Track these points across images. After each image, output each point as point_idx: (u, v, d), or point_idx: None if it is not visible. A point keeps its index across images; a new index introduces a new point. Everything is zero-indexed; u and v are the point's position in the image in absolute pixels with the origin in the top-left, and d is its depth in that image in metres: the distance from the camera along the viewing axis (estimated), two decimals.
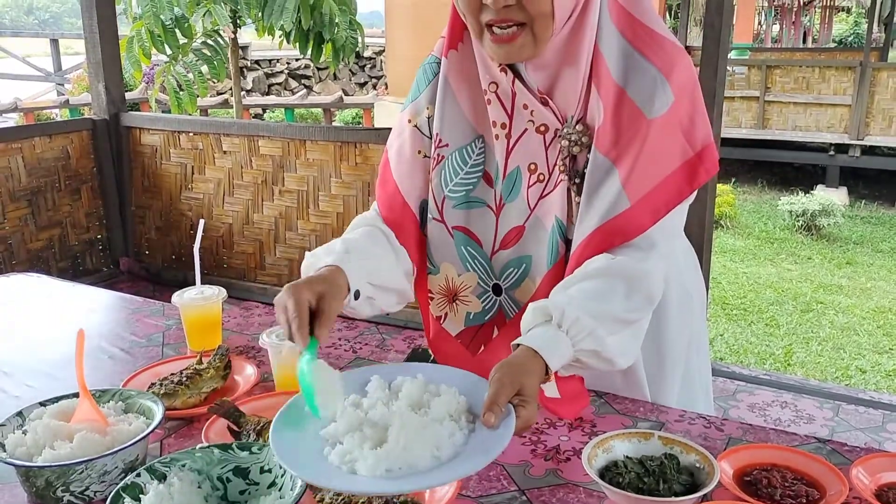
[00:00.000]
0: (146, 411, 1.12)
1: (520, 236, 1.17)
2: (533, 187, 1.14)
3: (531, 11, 1.02)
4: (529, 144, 1.13)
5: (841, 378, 4.02)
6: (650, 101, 1.06)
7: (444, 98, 1.19)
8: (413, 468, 0.87)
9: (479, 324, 1.25)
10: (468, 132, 1.19)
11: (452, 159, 1.20)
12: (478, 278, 1.23)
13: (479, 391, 0.96)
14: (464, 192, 1.20)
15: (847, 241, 6.88)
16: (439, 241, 1.23)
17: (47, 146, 3.68)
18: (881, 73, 8.47)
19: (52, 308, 1.74)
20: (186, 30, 5.73)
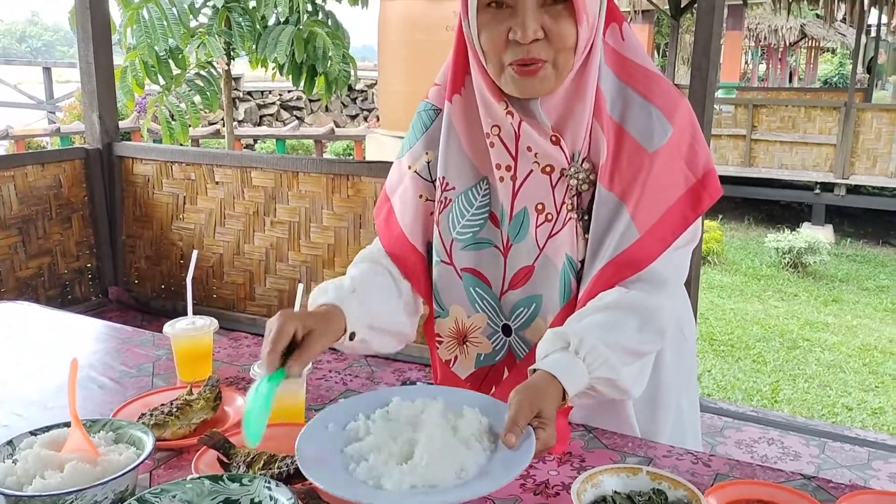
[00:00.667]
0: (136, 442, 1.12)
1: (529, 276, 1.18)
2: (541, 227, 1.16)
3: (556, 44, 1.05)
4: (536, 185, 1.15)
5: (827, 415, 4.04)
6: (648, 134, 1.10)
7: (448, 141, 1.21)
8: (437, 486, 0.90)
9: (490, 364, 1.26)
10: (473, 174, 1.21)
11: (459, 202, 1.21)
12: (487, 319, 1.24)
13: (499, 412, 0.98)
14: (471, 234, 1.21)
15: (833, 279, 6.94)
16: (448, 284, 1.24)
17: (40, 174, 3.68)
18: (865, 113, 8.61)
19: (41, 337, 1.73)
20: (180, 61, 5.78)
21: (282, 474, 1.06)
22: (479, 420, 0.99)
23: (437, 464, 0.91)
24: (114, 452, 1.09)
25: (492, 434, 0.98)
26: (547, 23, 1.04)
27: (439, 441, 0.94)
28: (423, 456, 0.92)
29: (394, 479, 0.91)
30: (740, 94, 11.90)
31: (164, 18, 5.44)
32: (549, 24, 1.04)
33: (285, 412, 1.28)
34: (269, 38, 5.68)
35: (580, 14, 1.03)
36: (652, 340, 1.10)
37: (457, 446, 0.94)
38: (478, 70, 1.14)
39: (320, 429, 1.03)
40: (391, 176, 1.33)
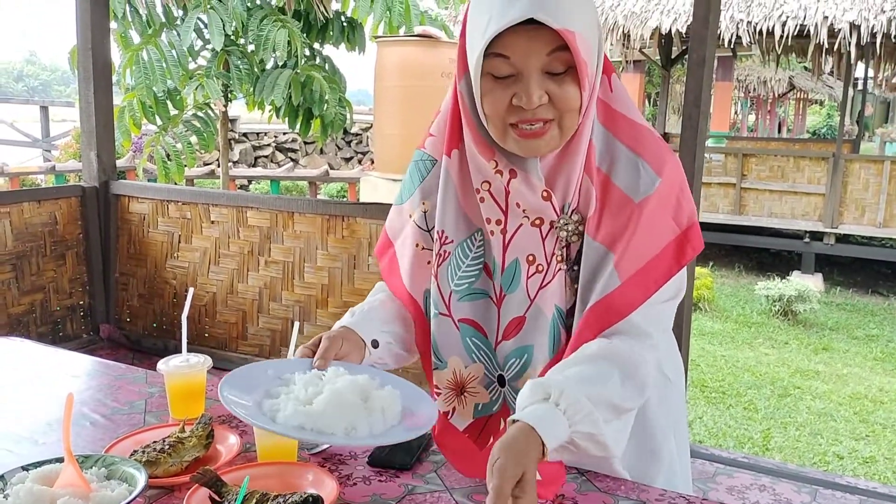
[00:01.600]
0: (129, 478, 1.12)
1: (521, 327, 1.19)
2: (532, 278, 1.17)
3: (560, 107, 1.07)
4: (526, 237, 1.16)
5: (819, 463, 4.02)
6: (635, 185, 1.12)
7: (446, 195, 1.23)
8: (323, 432, 1.06)
9: (488, 414, 1.26)
10: (467, 226, 1.23)
11: (456, 254, 1.23)
12: (484, 369, 1.25)
13: (418, 400, 1.18)
14: (467, 285, 1.22)
15: (823, 327, 6.96)
16: (446, 336, 1.25)
17: (35, 211, 3.69)
18: (853, 164, 8.74)
19: (33, 373, 1.73)
20: (178, 102, 5.85)
21: None
22: (393, 398, 1.14)
23: (330, 415, 1.06)
24: (106, 488, 1.09)
25: (399, 413, 1.13)
26: (551, 88, 1.06)
27: (341, 398, 1.08)
28: (320, 404, 1.07)
29: (286, 414, 1.07)
30: (730, 143, 12.07)
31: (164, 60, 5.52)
32: (554, 89, 1.06)
33: (278, 451, 1.28)
34: (267, 81, 5.76)
35: (584, 79, 1.05)
36: (633, 397, 1.09)
37: (357, 409, 1.09)
38: (469, 130, 1.15)
39: (261, 370, 1.20)
40: (392, 219, 1.35)
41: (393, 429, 1.10)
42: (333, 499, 1.12)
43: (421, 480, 1.23)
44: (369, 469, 1.28)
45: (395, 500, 1.17)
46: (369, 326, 1.28)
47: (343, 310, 3.47)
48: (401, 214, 1.33)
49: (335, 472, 1.25)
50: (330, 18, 6.22)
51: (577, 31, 1.02)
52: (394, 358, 1.33)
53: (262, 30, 5.58)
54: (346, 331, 1.26)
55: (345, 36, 6.34)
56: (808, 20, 8.08)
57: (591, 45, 1.06)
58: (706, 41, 2.35)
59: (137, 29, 5.76)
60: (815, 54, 9.42)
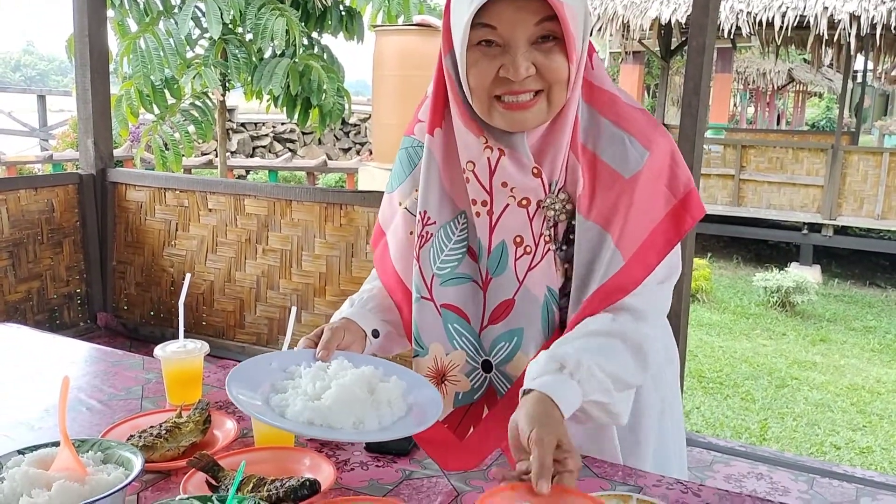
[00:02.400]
0: (125, 462, 1.11)
1: (510, 310, 1.18)
2: (520, 260, 1.15)
3: (548, 78, 1.06)
4: (513, 218, 1.15)
5: (816, 454, 4.03)
6: (623, 161, 1.11)
7: (429, 175, 1.20)
8: (333, 427, 1.06)
9: (469, 403, 1.24)
10: (451, 208, 1.21)
11: (439, 236, 1.21)
12: (466, 356, 1.22)
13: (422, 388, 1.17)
14: (450, 269, 1.20)
15: (821, 319, 6.97)
16: (428, 321, 1.23)
17: (33, 199, 3.68)
18: (852, 155, 8.74)
19: (31, 359, 1.72)
20: (176, 91, 5.82)
21: (271, 497, 1.06)
22: (398, 389, 1.13)
23: (339, 409, 1.06)
24: (102, 472, 1.08)
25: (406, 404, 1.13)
26: (538, 59, 1.05)
27: (349, 393, 1.08)
28: (328, 399, 1.07)
29: (295, 410, 1.07)
30: (729, 135, 12.06)
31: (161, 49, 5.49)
32: (541, 60, 1.05)
33: (275, 437, 1.28)
34: (265, 70, 5.74)
35: (572, 51, 1.04)
36: (638, 373, 1.10)
37: (365, 402, 1.08)
38: (457, 106, 1.13)
39: (264, 363, 1.19)
40: (383, 209, 1.34)
41: (401, 420, 1.10)
42: (330, 484, 1.12)
43: (418, 466, 1.23)
44: (366, 454, 1.27)
45: (392, 485, 1.17)
46: (369, 316, 1.28)
47: (341, 298, 3.48)
48: (391, 203, 1.31)
49: (332, 457, 1.25)
50: (328, 7, 6.19)
51: (565, 1, 1.01)
52: (395, 345, 1.33)
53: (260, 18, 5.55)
54: (347, 321, 1.26)
55: (343, 25, 6.32)
56: (808, 11, 8.06)
57: (579, 17, 1.05)
58: (706, 29, 2.33)
59: (135, 17, 5.73)
60: (815, 46, 9.40)
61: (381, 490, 1.15)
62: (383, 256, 1.33)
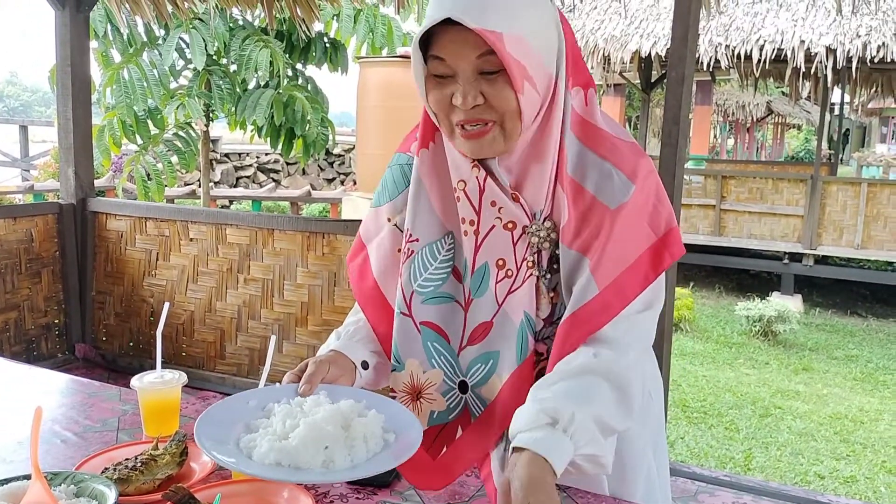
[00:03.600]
0: (98, 496, 1.09)
1: (487, 332, 1.17)
2: (501, 283, 1.16)
3: (498, 109, 1.07)
4: (497, 240, 1.15)
5: (800, 483, 4.03)
6: (609, 193, 1.11)
7: (417, 195, 1.21)
8: (301, 468, 1.00)
9: (444, 423, 1.23)
10: (438, 228, 1.21)
11: (422, 254, 1.21)
12: (443, 375, 1.22)
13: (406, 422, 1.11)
14: (433, 288, 1.20)
15: (803, 348, 7.00)
16: (406, 337, 1.23)
17: (11, 228, 3.64)
18: (831, 186, 8.85)
19: (5, 390, 1.69)
20: (159, 121, 5.84)
21: None
22: (376, 424, 1.09)
23: (307, 448, 1.01)
24: None
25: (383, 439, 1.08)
26: (486, 89, 1.06)
27: (318, 431, 1.03)
28: (295, 440, 1.02)
29: (261, 452, 1.02)
30: (709, 165, 12.20)
31: (145, 79, 5.51)
32: (488, 90, 1.06)
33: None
34: (249, 100, 5.76)
35: (517, 82, 1.04)
36: (624, 417, 1.08)
37: (337, 440, 1.04)
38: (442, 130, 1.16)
39: (242, 402, 1.16)
40: (367, 223, 1.33)
41: (376, 457, 1.06)
42: None
43: (399, 497, 1.21)
44: (346, 486, 1.25)
45: None
46: (357, 347, 1.27)
47: (323, 328, 3.46)
48: (377, 218, 1.30)
49: (311, 489, 1.23)
50: (313, 39, 6.24)
51: (507, 31, 1.01)
52: (386, 377, 1.30)
53: (245, 50, 5.59)
54: (335, 354, 1.24)
55: (328, 56, 6.37)
56: (786, 44, 8.21)
57: (535, 46, 1.05)
58: (685, 60, 2.37)
59: (119, 48, 5.75)
60: (793, 78, 9.57)
61: None
62: (363, 270, 1.31)
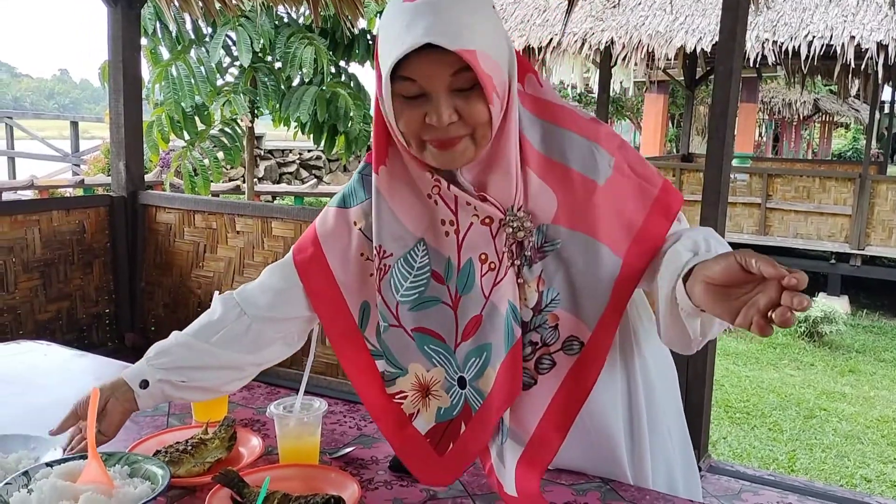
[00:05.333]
0: (151, 477, 1.13)
1: (478, 325, 1.19)
2: (486, 276, 1.17)
3: (470, 122, 1.07)
4: (477, 236, 1.17)
5: (846, 486, 3.95)
6: (594, 168, 1.14)
7: (380, 212, 1.22)
8: None
9: (449, 419, 1.24)
10: (409, 238, 1.21)
11: (398, 266, 1.22)
12: (444, 373, 1.23)
13: None
14: (417, 294, 1.21)
15: (849, 350, 6.86)
16: (401, 346, 1.24)
17: (64, 220, 3.75)
18: (880, 185, 8.64)
19: (60, 375, 1.75)
20: (206, 117, 5.94)
21: None
22: None
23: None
24: (129, 486, 1.09)
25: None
26: (459, 105, 1.06)
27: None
28: None
29: None
30: (755, 164, 11.99)
31: (192, 76, 5.61)
32: (462, 106, 1.06)
33: (300, 453, 1.28)
34: (293, 97, 5.83)
35: (490, 94, 1.05)
36: None
37: None
38: (400, 146, 1.15)
39: None
40: (325, 221, 1.31)
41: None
42: (355, 501, 1.12)
43: (443, 486, 1.23)
44: (390, 474, 1.27)
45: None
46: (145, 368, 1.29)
47: None
48: (345, 218, 1.29)
49: (357, 475, 1.25)
50: (356, 36, 6.29)
51: (478, 48, 1.02)
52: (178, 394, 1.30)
53: (290, 47, 5.66)
54: (113, 382, 1.28)
55: (370, 54, 6.41)
56: (835, 40, 8.02)
57: (495, 57, 1.06)
58: (733, 53, 2.34)
59: (167, 45, 5.86)
60: (842, 76, 9.35)
61: None
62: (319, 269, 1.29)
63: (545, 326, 1.16)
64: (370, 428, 1.47)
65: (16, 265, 3.53)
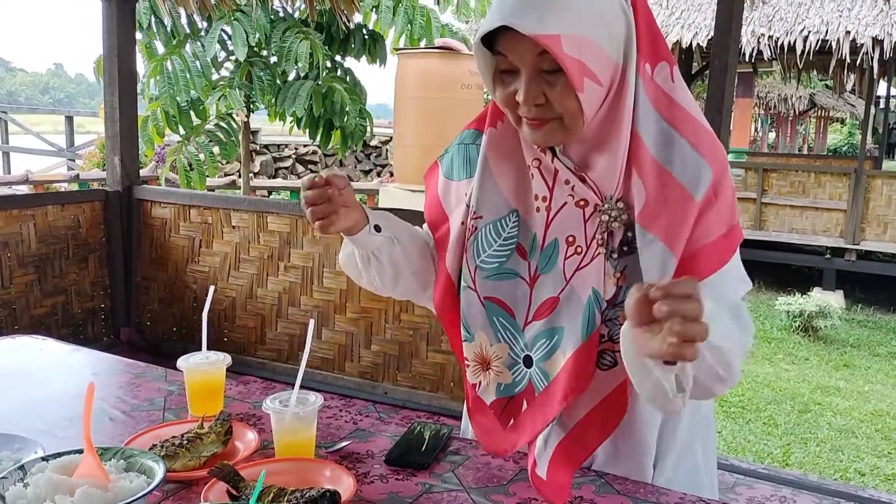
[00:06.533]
0: (147, 471, 1.12)
1: (553, 307, 1.18)
2: (570, 259, 1.16)
3: (559, 109, 1.07)
4: (568, 217, 1.16)
5: (840, 480, 3.97)
6: (696, 183, 1.08)
7: (483, 173, 1.23)
8: None
9: (509, 396, 1.24)
10: (503, 206, 1.22)
11: (486, 231, 1.23)
12: (508, 349, 1.23)
13: None
14: (497, 264, 1.22)
15: (844, 344, 6.88)
16: (473, 310, 1.25)
17: (59, 215, 3.74)
18: (876, 180, 8.66)
19: (56, 369, 1.75)
20: (201, 112, 5.91)
21: None
22: None
23: None
24: (124, 480, 1.09)
25: None
26: (546, 90, 1.06)
27: None
28: None
29: None
30: (750, 159, 12.00)
31: (188, 70, 5.58)
32: (549, 91, 1.06)
33: (296, 447, 1.28)
34: (289, 92, 5.81)
35: (576, 82, 1.03)
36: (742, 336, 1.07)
37: None
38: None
39: None
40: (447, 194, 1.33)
41: None
42: (350, 495, 1.12)
43: (438, 480, 1.23)
44: (386, 468, 1.27)
45: (412, 498, 1.17)
46: (385, 219, 1.30)
47: (361, 316, 3.49)
48: (457, 192, 1.30)
49: (352, 469, 1.25)
50: (352, 30, 6.27)
51: (566, 31, 1.00)
52: (388, 255, 1.32)
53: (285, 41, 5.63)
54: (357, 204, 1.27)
55: (366, 48, 6.39)
56: (831, 35, 8.03)
57: (594, 39, 1.03)
58: (729, 47, 2.34)
59: (162, 40, 5.84)
60: (837, 71, 9.37)
61: (401, 503, 1.15)
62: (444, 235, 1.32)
63: (616, 322, 1.14)
64: (366, 422, 1.47)
65: (10, 260, 3.52)
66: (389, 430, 1.42)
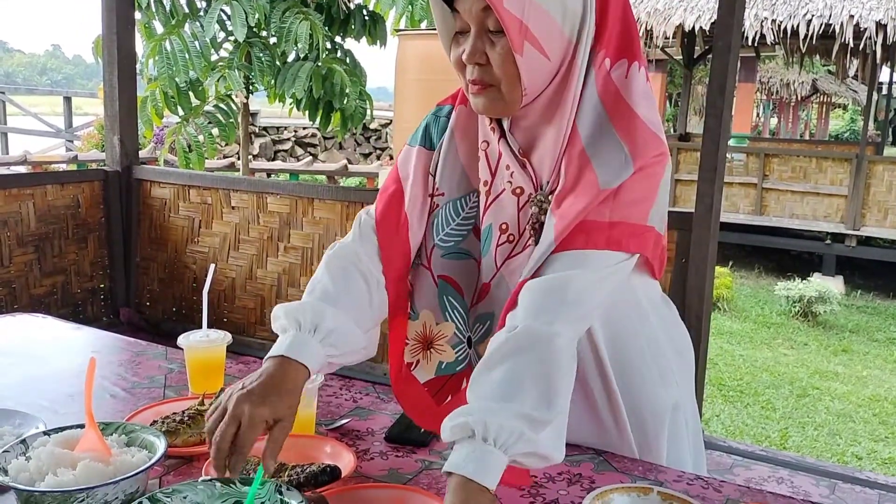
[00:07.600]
0: (148, 445, 1.13)
1: (485, 294, 1.19)
2: (501, 247, 1.15)
3: (498, 73, 1.05)
4: (504, 204, 1.15)
5: (837, 463, 3.99)
6: (611, 176, 1.04)
7: (448, 149, 1.22)
8: None
9: (451, 374, 1.24)
10: (464, 185, 1.21)
11: (446, 209, 1.22)
12: (455, 328, 1.23)
13: None
14: (453, 243, 1.21)
15: (843, 329, 6.89)
16: (423, 288, 1.24)
17: (59, 194, 3.74)
18: (877, 166, 8.64)
19: (55, 346, 1.75)
20: (200, 93, 5.88)
21: (291, 482, 1.06)
22: None
23: None
24: (126, 454, 1.10)
25: None
26: (489, 50, 1.05)
27: None
28: None
29: None
30: (752, 144, 11.98)
31: (187, 51, 5.55)
32: (490, 51, 1.05)
33: (296, 424, 1.28)
34: (289, 73, 5.78)
35: (514, 41, 1.00)
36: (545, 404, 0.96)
37: None
38: None
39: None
40: (405, 161, 1.27)
41: None
42: (351, 471, 1.13)
43: (437, 456, 1.23)
44: (386, 445, 1.28)
45: (412, 474, 1.17)
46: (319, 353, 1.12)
47: None
48: (418, 158, 1.25)
49: (352, 446, 1.25)
50: (352, 11, 6.23)
51: None
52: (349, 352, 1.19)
53: (285, 22, 5.60)
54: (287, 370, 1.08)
55: (366, 29, 6.35)
56: (834, 19, 7.99)
57: (544, 7, 1.01)
58: (732, 29, 2.33)
59: (161, 20, 5.79)
60: (840, 56, 9.32)
61: (401, 479, 1.16)
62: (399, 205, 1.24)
63: None
64: (366, 400, 1.48)
65: (10, 239, 3.52)
66: (389, 408, 1.43)
